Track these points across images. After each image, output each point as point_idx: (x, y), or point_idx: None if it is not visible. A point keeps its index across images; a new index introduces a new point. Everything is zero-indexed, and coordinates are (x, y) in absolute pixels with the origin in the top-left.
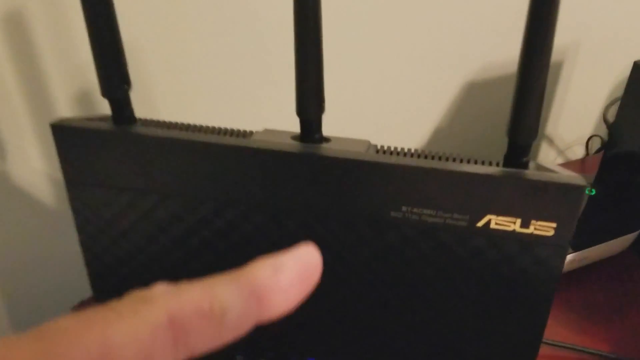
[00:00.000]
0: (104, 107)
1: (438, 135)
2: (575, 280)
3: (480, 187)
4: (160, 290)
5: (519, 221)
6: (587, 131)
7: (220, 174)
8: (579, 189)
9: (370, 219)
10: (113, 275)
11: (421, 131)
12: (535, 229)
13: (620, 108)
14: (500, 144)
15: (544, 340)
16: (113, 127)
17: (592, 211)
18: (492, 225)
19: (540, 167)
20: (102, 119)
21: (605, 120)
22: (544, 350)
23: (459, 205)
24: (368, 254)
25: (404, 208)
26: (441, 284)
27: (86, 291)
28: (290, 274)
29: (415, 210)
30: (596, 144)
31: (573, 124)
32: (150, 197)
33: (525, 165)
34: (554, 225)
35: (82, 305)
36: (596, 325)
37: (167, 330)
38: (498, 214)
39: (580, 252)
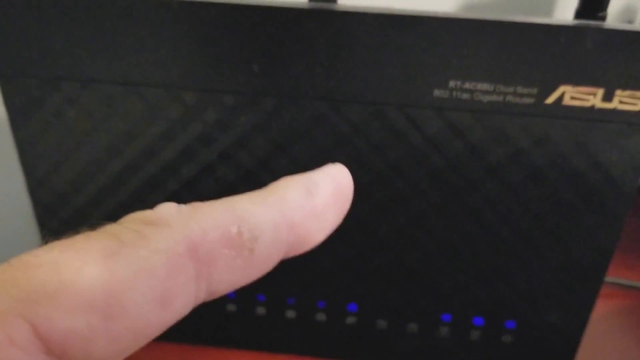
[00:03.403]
0: None
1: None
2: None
3: (551, 46)
4: (172, 211)
5: (600, 92)
6: None
7: (205, 51)
8: None
9: (405, 102)
10: (66, 207)
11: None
12: (620, 102)
13: None
14: None
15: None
16: None
17: None
18: (566, 101)
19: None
20: None
21: None
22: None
23: (525, 73)
24: (402, 152)
25: (451, 83)
26: (496, 186)
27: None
28: (325, 196)
29: (466, 85)
30: None
31: None
32: (111, 89)
33: (602, 20)
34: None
35: None
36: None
37: (187, 262)
38: (575, 83)
39: None
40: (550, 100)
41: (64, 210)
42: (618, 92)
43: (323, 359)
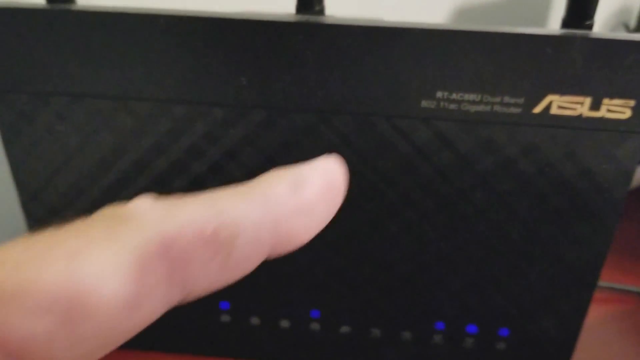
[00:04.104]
0: None
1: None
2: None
3: (538, 55)
4: (147, 206)
5: (588, 101)
6: None
7: (194, 65)
8: None
9: (393, 113)
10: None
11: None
12: (608, 110)
13: None
14: None
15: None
16: (47, 5)
17: None
18: (554, 110)
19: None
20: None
21: None
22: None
23: (511, 84)
24: (391, 163)
25: (439, 94)
26: (486, 195)
27: None
28: (314, 191)
29: (454, 96)
30: None
31: None
32: (100, 103)
33: (589, 29)
34: (632, 103)
35: None
36: (632, 262)
37: (158, 261)
38: (562, 92)
39: None
40: (537, 109)
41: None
42: (605, 101)
43: None
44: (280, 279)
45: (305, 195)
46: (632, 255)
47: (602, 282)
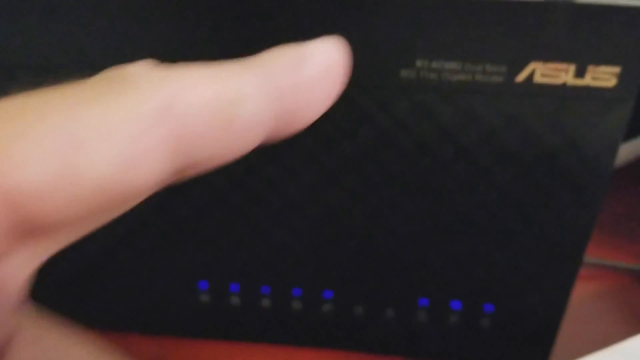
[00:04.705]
0: None
1: None
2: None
3: (520, 21)
4: (148, 68)
5: (572, 68)
6: None
7: (158, 31)
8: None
9: (372, 84)
10: None
11: None
12: (592, 78)
13: None
14: None
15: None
16: None
17: None
18: (537, 79)
19: None
20: None
21: None
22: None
23: (493, 51)
24: (369, 137)
25: (418, 63)
26: (468, 167)
27: None
28: (317, 69)
29: (433, 64)
30: None
31: None
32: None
33: None
34: (618, 70)
35: None
36: (625, 237)
37: (162, 122)
38: (545, 59)
39: None
40: (520, 78)
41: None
42: (590, 68)
43: (301, 347)
44: (259, 256)
45: (306, 72)
46: (622, 233)
47: (592, 259)
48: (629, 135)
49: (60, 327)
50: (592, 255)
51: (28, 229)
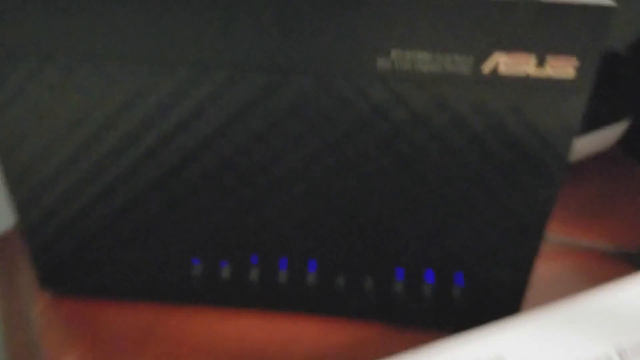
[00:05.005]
0: None
1: None
2: (567, 178)
3: (483, 13)
4: None
5: (533, 59)
6: None
7: (156, 23)
8: (605, 10)
9: (351, 72)
10: (48, 196)
11: None
12: (552, 68)
13: None
14: None
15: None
16: None
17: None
18: (502, 70)
19: None
20: None
21: None
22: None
23: (460, 42)
24: (349, 121)
25: (393, 53)
26: (439, 149)
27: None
28: None
29: (407, 55)
30: None
31: None
32: (71, 63)
33: None
34: (576, 62)
35: (4, 240)
36: (590, 220)
37: None
38: (508, 50)
39: None
40: (486, 69)
41: (33, 180)
42: (550, 59)
43: (287, 313)
44: (249, 229)
45: None
46: (589, 214)
47: (560, 237)
48: (594, 127)
49: None
50: (565, 235)
51: None
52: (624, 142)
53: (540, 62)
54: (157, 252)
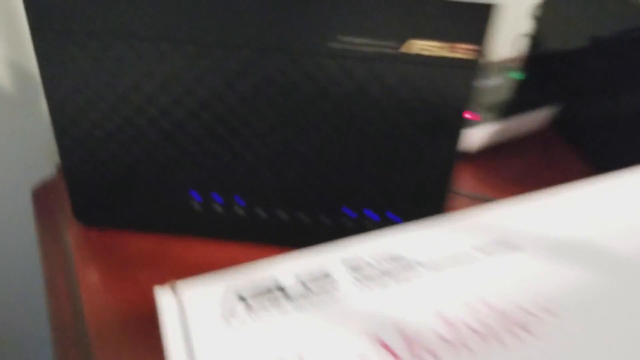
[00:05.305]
0: None
1: None
2: (502, 154)
3: (400, 5)
4: None
5: (443, 45)
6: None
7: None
8: (487, 7)
9: (304, 52)
10: (86, 145)
11: None
12: (459, 52)
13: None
14: None
15: (463, 192)
16: None
17: (517, 87)
18: (415, 51)
19: None
20: None
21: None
22: (462, 201)
23: (386, 29)
24: (311, 89)
25: (340, 37)
26: (374, 114)
27: (44, 170)
28: None
29: (350, 38)
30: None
31: None
32: (129, 42)
33: None
34: (476, 48)
35: (44, 187)
36: (519, 187)
37: None
38: (422, 37)
39: (506, 121)
40: (405, 50)
41: (74, 131)
42: (458, 45)
43: (260, 244)
44: (235, 172)
45: None
46: (523, 185)
47: (471, 192)
48: (531, 107)
49: None
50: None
51: None
52: (556, 124)
53: (450, 48)
54: (164, 189)
